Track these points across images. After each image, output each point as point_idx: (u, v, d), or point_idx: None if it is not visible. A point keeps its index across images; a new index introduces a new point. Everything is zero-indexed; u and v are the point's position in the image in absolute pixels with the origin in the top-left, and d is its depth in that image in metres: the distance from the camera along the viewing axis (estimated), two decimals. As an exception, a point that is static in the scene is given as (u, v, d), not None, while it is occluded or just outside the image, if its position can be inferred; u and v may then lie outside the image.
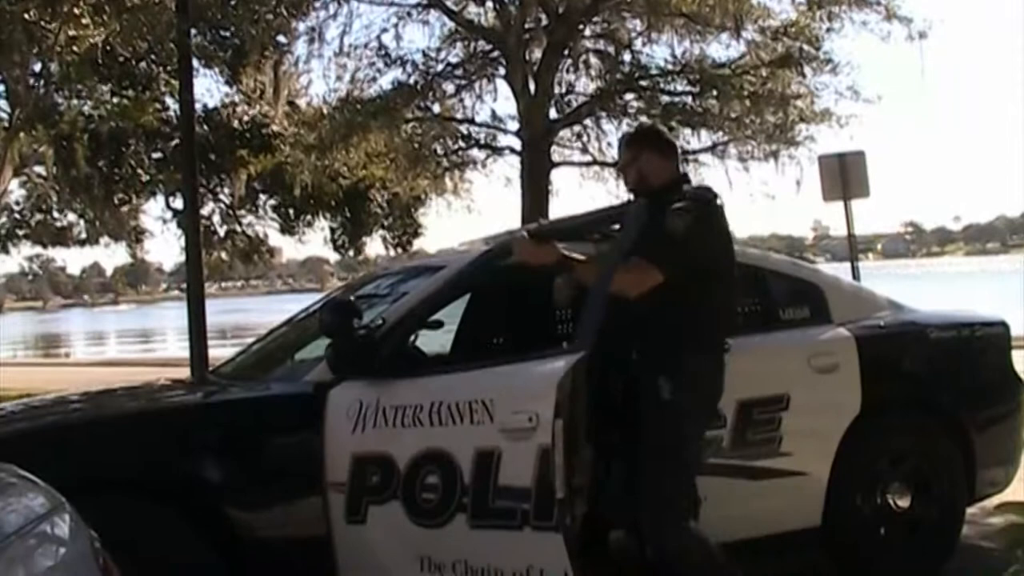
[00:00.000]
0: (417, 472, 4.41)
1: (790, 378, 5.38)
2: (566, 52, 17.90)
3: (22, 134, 18.81)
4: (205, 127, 20.04)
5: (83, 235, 23.48)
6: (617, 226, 5.00)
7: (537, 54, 17.84)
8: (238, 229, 22.96)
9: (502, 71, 18.07)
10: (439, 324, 5.21)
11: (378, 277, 6.38)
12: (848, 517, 5.46)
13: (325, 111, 19.47)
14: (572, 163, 19.75)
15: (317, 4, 17.58)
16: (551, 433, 4.13)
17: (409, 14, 18.20)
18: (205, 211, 20.68)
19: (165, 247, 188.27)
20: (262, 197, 23.01)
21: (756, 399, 5.23)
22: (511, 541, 4.25)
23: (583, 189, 20.73)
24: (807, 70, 17.50)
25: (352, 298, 5.40)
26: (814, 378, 5.42)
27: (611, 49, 18.45)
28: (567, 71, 18.43)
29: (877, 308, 6.06)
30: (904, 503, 5.58)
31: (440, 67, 18.56)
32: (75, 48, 14.66)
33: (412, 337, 5.02)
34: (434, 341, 6.03)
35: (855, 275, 13.49)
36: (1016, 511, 2.70)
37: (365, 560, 4.49)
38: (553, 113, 18.40)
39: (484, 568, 4.30)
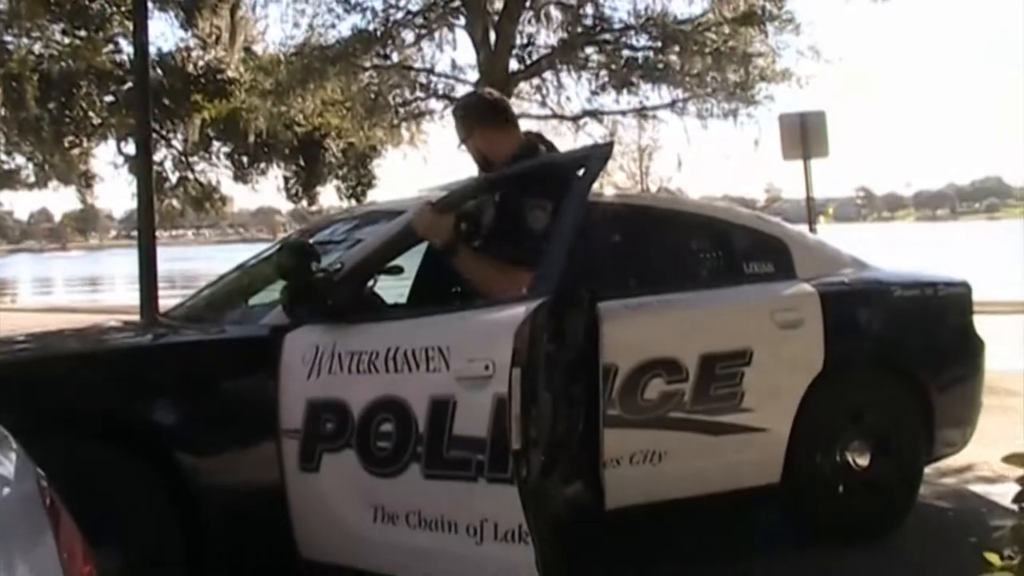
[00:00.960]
0: (371, 420, 4.27)
1: (753, 333, 5.32)
2: (528, 3, 17.71)
3: (-30, 73, 18.45)
4: (159, 71, 19.71)
5: (31, 178, 23.06)
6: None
7: (498, 4, 17.63)
8: (190, 176, 22.68)
9: (463, 21, 17.85)
10: (399, 269, 5.07)
11: (335, 222, 6.25)
12: (808, 474, 5.44)
13: (282, 57, 19.19)
14: (530, 116, 19.53)
15: (276, -52, 17.30)
16: (508, 382, 3.99)
17: (370, -41, 17.93)
18: (157, 157, 20.27)
19: (115, 193, 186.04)
20: (215, 144, 22.70)
21: (718, 353, 5.17)
22: (465, 492, 4.11)
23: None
24: (769, 28, 17.44)
25: (310, 241, 5.27)
26: (777, 333, 5.37)
27: (573, 1, 18.26)
28: (528, 22, 18.21)
29: (841, 265, 6.01)
30: (863, 461, 5.56)
31: (400, 15, 18.29)
32: (26, -15, 14.35)
33: (371, 282, 4.89)
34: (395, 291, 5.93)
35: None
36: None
37: (318, 508, 4.39)
38: (513, 65, 18.22)
39: (437, 519, 4.17)
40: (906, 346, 5.88)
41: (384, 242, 4.89)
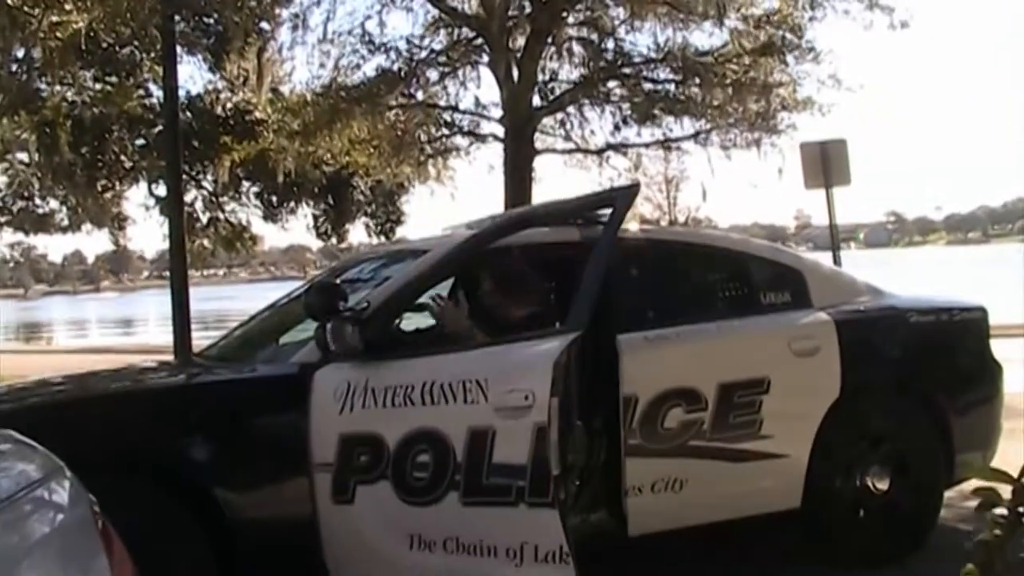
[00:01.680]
0: (408, 451, 4.45)
1: (771, 361, 5.45)
2: (549, 39, 17.85)
3: (4, 120, 18.75)
4: (188, 114, 19.97)
5: (65, 222, 23.29)
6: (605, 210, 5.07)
7: (520, 41, 17.80)
8: (221, 216, 22.88)
9: (485, 58, 18.01)
10: (424, 308, 5.26)
11: (362, 261, 6.41)
12: (827, 499, 5.55)
13: (308, 98, 19.39)
14: (555, 151, 19.72)
15: (300, -10, 17.54)
16: (547, 411, 4.16)
17: (393, 1, 18.14)
18: (188, 198, 20.56)
19: (147, 235, 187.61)
20: (245, 184, 22.90)
21: (737, 382, 5.30)
22: (505, 517, 4.30)
23: (566, 177, 20.79)
24: (789, 58, 17.50)
25: (337, 281, 5.43)
26: (794, 362, 5.49)
27: (594, 36, 18.40)
28: (550, 58, 18.38)
29: (857, 293, 6.13)
30: (883, 485, 5.66)
31: (423, 54, 18.49)
32: (58, 34, 14.63)
33: (397, 320, 5.05)
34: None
35: (836, 263, 13.59)
36: (988, 476, 2.77)
37: (351, 540, 4.54)
38: (536, 100, 18.37)
39: (476, 545, 4.36)
40: (922, 371, 5.99)
41: (409, 281, 5.05)
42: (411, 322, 6.20)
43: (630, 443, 5.07)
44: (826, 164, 13.36)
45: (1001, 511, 2.69)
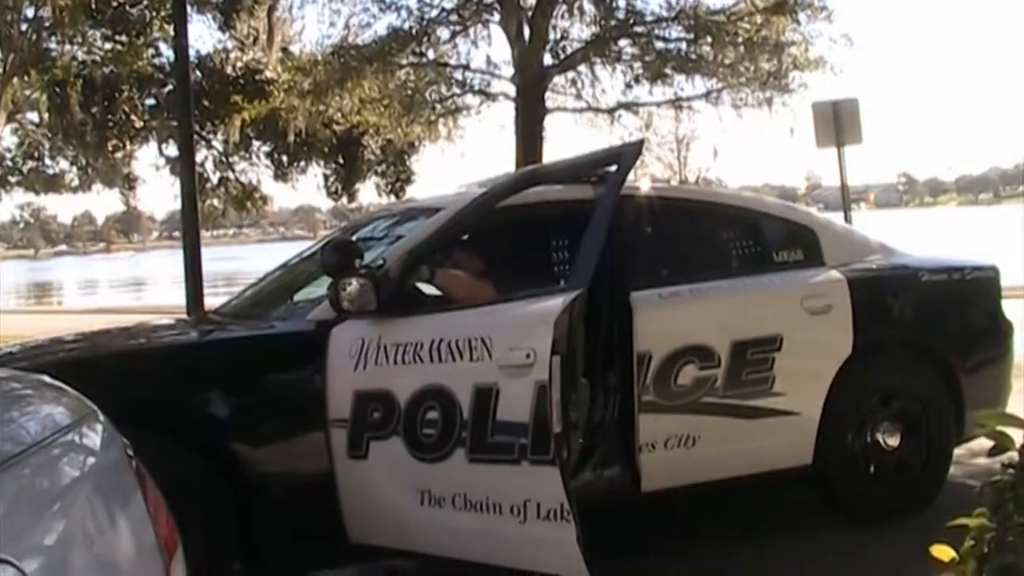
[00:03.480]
0: (418, 408, 4.47)
1: (783, 319, 5.46)
2: (561, -2, 17.84)
3: (15, 80, 18.76)
4: (198, 73, 19.96)
5: (75, 182, 23.37)
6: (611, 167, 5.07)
7: (532, 0, 17.77)
8: (231, 176, 22.93)
9: (496, 16, 18.00)
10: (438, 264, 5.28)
11: (376, 219, 6.42)
12: (838, 456, 5.56)
13: (319, 57, 19.40)
14: (566, 109, 19.72)
15: (311, -51, 17.52)
16: (548, 369, 4.18)
17: (404, -42, 18.12)
18: (198, 158, 20.53)
19: (157, 196, 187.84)
20: (255, 144, 22.94)
21: (750, 339, 5.31)
22: (509, 475, 4.31)
23: (576, 136, 20.79)
24: (802, 16, 17.48)
25: (353, 238, 5.45)
26: (807, 319, 5.50)
27: (606, -5, 18.36)
28: (562, 17, 18.35)
29: (869, 251, 6.13)
30: (893, 442, 5.67)
31: (434, 12, 18.48)
32: (67, -8, 14.61)
33: (412, 277, 5.06)
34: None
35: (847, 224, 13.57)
36: (1000, 420, 2.83)
37: (367, 494, 4.58)
38: (547, 59, 18.36)
39: (483, 502, 4.37)
40: (934, 330, 5.98)
41: (424, 238, 5.06)
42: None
43: (643, 400, 5.09)
44: (838, 122, 13.31)
45: (1012, 455, 2.74)
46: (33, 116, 21.09)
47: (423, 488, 4.49)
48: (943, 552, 2.85)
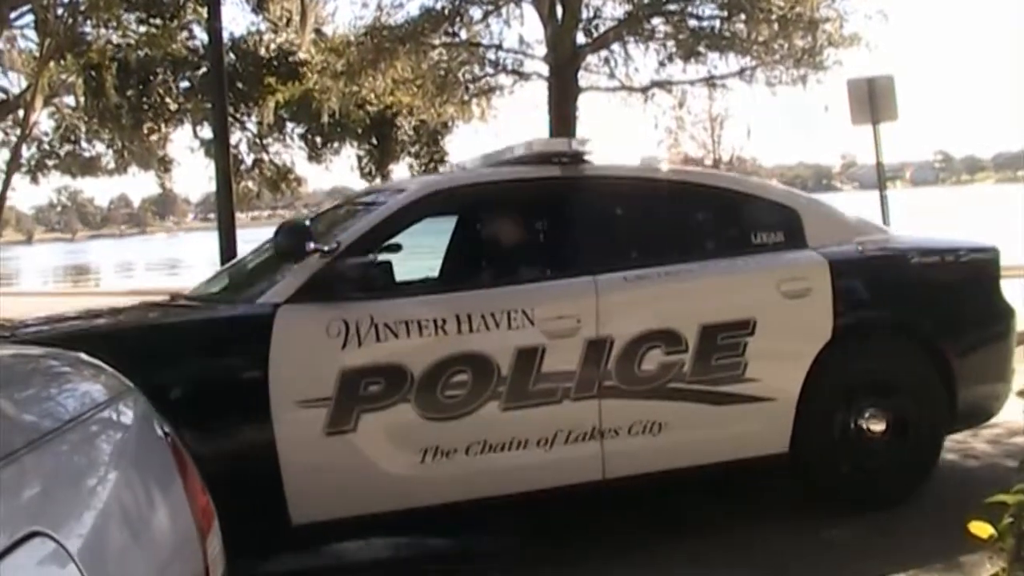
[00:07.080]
0: (440, 374, 4.74)
1: (757, 303, 5.31)
2: (593, -25, 17.70)
3: (52, 64, 18.91)
4: (232, 55, 20.04)
5: (111, 165, 23.62)
6: None
7: (565, -22, 17.64)
8: (265, 158, 23.05)
9: (529, -4, 17.92)
10: (398, 247, 5.23)
11: (348, 202, 6.37)
12: (817, 443, 5.39)
13: (352, 38, 19.40)
14: (599, 88, 19.57)
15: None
16: (595, 327, 4.88)
17: (436, -61, 18.05)
18: (233, 140, 20.67)
19: (192, 178, 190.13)
20: (289, 125, 23.06)
21: (720, 324, 5.17)
22: (545, 415, 4.88)
23: (609, 114, 20.66)
24: (836, -7, 17.21)
25: (308, 221, 5.38)
26: (783, 303, 5.34)
27: (639, -27, 18.18)
28: (595, -5, 18.21)
29: (858, 232, 5.93)
30: (877, 428, 5.49)
31: (467, -8, 18.43)
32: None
33: (372, 258, 5.00)
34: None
35: (883, 202, 13.34)
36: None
37: (348, 464, 4.67)
38: (580, 38, 18.24)
39: (506, 443, 4.84)
40: (923, 313, 5.78)
41: (378, 222, 5.02)
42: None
43: (605, 384, 4.99)
44: (873, 100, 13.18)
45: None
46: (69, 100, 21.30)
47: (428, 445, 4.75)
48: (981, 529, 2.82)
